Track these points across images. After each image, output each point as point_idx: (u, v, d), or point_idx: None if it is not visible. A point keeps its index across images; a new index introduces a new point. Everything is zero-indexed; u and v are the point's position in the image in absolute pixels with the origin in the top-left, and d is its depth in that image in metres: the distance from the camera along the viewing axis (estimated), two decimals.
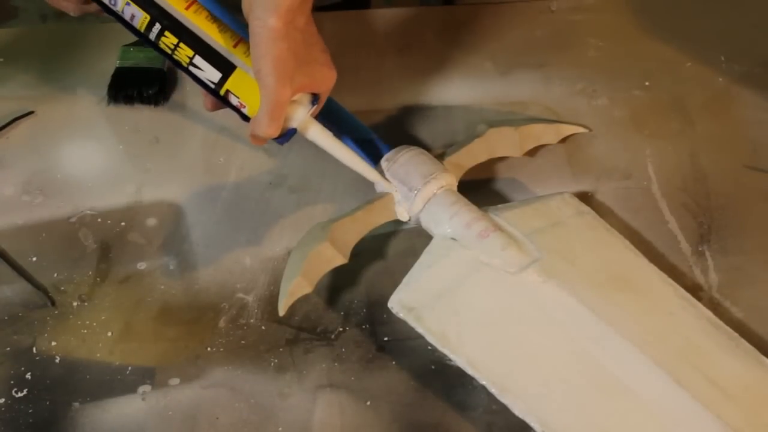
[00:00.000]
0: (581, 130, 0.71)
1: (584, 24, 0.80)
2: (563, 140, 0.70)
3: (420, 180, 0.60)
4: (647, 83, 0.75)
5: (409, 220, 0.62)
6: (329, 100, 0.67)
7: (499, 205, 0.62)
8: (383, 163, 0.62)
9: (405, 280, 0.57)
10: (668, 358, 0.53)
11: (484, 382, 0.52)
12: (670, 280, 0.59)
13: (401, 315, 0.56)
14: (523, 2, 0.83)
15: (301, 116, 0.57)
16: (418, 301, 0.56)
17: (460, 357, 0.53)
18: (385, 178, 0.61)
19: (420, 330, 0.55)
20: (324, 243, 0.58)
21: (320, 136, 0.59)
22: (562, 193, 0.64)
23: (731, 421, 0.50)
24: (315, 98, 0.58)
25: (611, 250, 0.60)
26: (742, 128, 0.72)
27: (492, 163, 0.69)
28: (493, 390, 0.52)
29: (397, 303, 0.56)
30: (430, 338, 0.54)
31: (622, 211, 0.66)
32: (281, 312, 0.57)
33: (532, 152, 0.70)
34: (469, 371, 0.53)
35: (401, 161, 0.62)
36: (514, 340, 0.54)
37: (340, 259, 0.59)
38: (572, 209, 0.62)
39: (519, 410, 0.51)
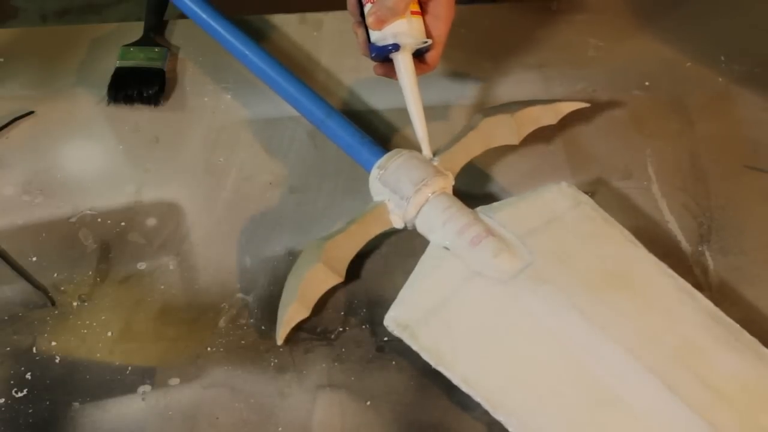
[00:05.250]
0: (580, 105, 0.70)
1: (584, 24, 0.81)
2: (562, 125, 0.70)
3: (411, 187, 0.60)
4: (647, 83, 0.75)
5: (405, 227, 0.62)
6: (325, 105, 0.67)
7: (494, 204, 0.61)
8: (375, 171, 0.62)
9: (399, 295, 0.57)
10: (662, 362, 0.52)
11: (478, 399, 0.52)
12: (670, 271, 0.57)
13: (396, 333, 0.55)
14: (523, 2, 0.83)
15: (404, 33, 0.61)
16: (412, 317, 0.55)
17: (455, 375, 0.53)
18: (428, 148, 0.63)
19: (415, 348, 0.55)
20: (318, 265, 0.58)
21: (405, 69, 0.62)
22: (559, 182, 0.62)
23: (724, 427, 0.50)
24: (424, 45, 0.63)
25: (608, 243, 0.59)
26: (742, 128, 0.72)
27: (491, 163, 0.69)
28: (487, 407, 0.52)
29: (392, 321, 0.56)
30: (425, 356, 0.54)
31: (622, 211, 0.66)
32: (279, 342, 0.57)
33: (531, 153, 0.70)
34: (464, 389, 0.53)
35: (392, 168, 0.61)
36: (507, 352, 0.54)
37: (336, 279, 0.59)
38: (569, 200, 0.61)
39: (513, 427, 0.51)
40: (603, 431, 0.51)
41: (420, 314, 0.55)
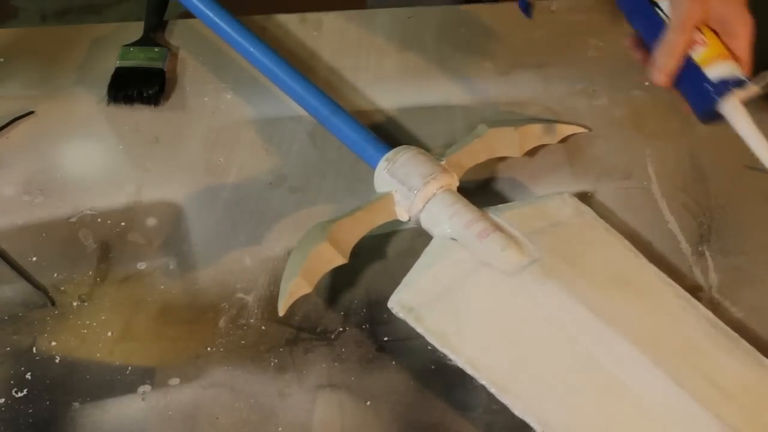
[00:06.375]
0: (581, 129, 0.71)
1: (584, 24, 0.80)
2: (563, 140, 0.71)
3: (419, 180, 0.60)
4: (647, 83, 0.75)
5: (409, 220, 0.62)
6: (330, 102, 0.67)
7: (499, 205, 0.62)
8: (383, 163, 0.63)
9: (404, 280, 0.57)
10: (668, 358, 0.53)
11: (483, 382, 0.53)
12: (670, 281, 0.59)
13: (401, 315, 0.56)
14: None
15: (727, 73, 0.52)
16: (417, 301, 0.56)
17: (460, 357, 0.54)
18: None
19: (420, 330, 0.55)
20: (324, 243, 0.58)
21: (741, 119, 0.53)
22: (561, 193, 0.64)
23: (730, 421, 0.50)
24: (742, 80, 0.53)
25: (611, 250, 0.60)
26: None
27: (492, 163, 0.69)
28: (492, 390, 0.52)
29: (397, 303, 0.56)
30: (429, 338, 0.55)
31: (622, 211, 0.67)
32: (281, 312, 0.57)
33: (531, 152, 0.70)
34: (469, 371, 0.53)
35: (401, 161, 0.62)
36: (514, 340, 0.54)
37: (340, 259, 0.59)
38: (572, 209, 0.63)
39: (519, 410, 0.52)
40: (610, 418, 0.51)
41: (426, 299, 0.56)
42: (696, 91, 0.55)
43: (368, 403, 0.57)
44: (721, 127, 0.71)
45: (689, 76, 0.55)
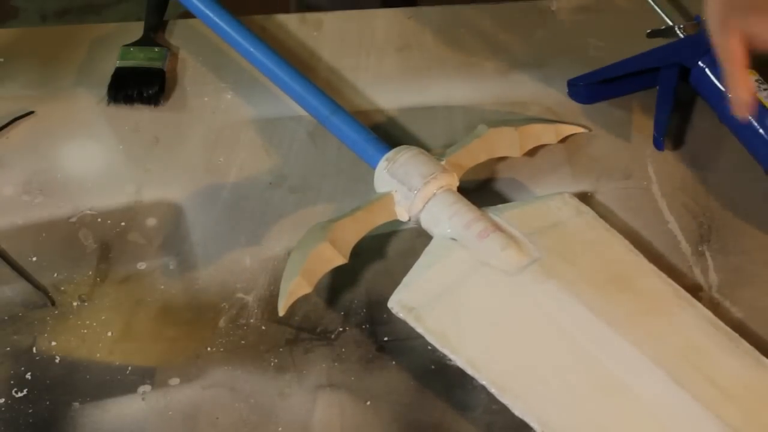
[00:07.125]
0: (581, 130, 0.71)
1: (584, 24, 0.80)
2: (563, 140, 0.71)
3: (420, 180, 0.60)
4: None
5: (409, 220, 0.62)
6: (330, 102, 0.67)
7: (499, 205, 0.62)
8: (383, 162, 0.63)
9: (405, 280, 0.57)
10: (668, 358, 0.53)
11: (483, 382, 0.53)
12: (670, 281, 0.59)
13: (401, 315, 0.56)
14: (523, 2, 0.83)
15: None
16: (417, 301, 0.56)
17: (460, 357, 0.54)
18: None
19: (420, 330, 0.55)
20: (324, 243, 0.58)
21: None
22: (561, 193, 0.64)
23: (731, 421, 0.50)
24: None
25: (611, 250, 0.60)
26: None
27: (492, 163, 0.69)
28: (492, 390, 0.52)
29: (397, 303, 0.56)
30: (430, 338, 0.55)
31: (622, 211, 0.66)
32: (281, 312, 0.57)
33: (531, 152, 0.70)
34: (469, 371, 0.53)
35: (401, 161, 0.62)
36: (514, 340, 0.54)
37: (340, 259, 0.59)
38: (572, 209, 0.63)
39: (519, 410, 0.52)
40: (610, 418, 0.51)
41: (426, 299, 0.56)
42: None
43: (368, 403, 0.57)
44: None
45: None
